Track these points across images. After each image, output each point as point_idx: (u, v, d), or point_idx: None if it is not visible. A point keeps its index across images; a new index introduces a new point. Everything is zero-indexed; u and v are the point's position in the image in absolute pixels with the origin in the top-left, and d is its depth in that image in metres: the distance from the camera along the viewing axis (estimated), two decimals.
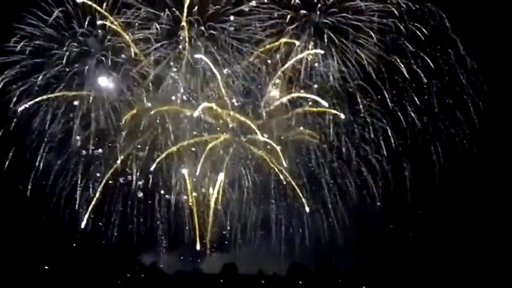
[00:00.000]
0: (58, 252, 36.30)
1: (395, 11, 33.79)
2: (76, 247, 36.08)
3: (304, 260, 37.93)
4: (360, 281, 37.22)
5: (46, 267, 36.40)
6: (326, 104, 34.37)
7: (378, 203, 35.42)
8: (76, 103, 34.59)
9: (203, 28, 34.48)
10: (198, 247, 35.66)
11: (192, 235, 35.69)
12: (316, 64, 34.87)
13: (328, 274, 38.03)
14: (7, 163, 33.88)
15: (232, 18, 34.47)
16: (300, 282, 37.98)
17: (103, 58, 34.56)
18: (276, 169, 35.15)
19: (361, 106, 34.84)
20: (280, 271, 38.24)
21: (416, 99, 34.32)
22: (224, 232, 36.56)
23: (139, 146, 35.37)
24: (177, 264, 38.64)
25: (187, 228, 35.85)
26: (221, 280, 38.27)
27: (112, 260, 36.99)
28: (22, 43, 33.31)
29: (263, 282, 38.27)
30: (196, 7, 34.16)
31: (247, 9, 34.50)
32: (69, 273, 35.92)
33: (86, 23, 33.47)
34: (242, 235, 36.75)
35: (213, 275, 38.41)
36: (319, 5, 34.27)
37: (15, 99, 33.50)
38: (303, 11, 34.45)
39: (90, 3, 32.79)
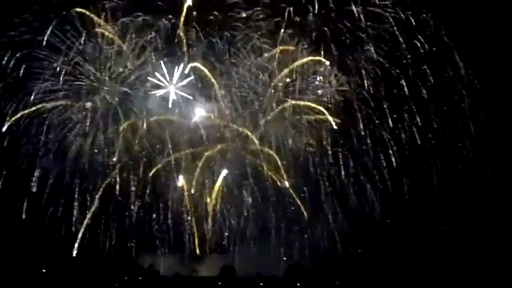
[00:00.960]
0: (57, 257, 36.45)
1: (391, 18, 33.91)
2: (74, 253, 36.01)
3: (302, 261, 38.19)
4: (358, 282, 37.75)
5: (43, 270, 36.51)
6: (324, 112, 34.60)
7: (376, 208, 35.92)
8: (73, 114, 34.43)
9: (201, 35, 34.34)
10: (197, 251, 36.08)
11: (191, 240, 36.07)
12: (313, 72, 34.95)
13: (325, 275, 38.39)
14: (4, 173, 33.82)
15: (229, 25, 34.35)
16: (298, 284, 38.36)
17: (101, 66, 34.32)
18: (274, 176, 35.51)
19: (359, 114, 35.03)
20: (278, 272, 38.52)
21: (414, 108, 34.54)
22: (222, 236, 36.96)
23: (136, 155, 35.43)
24: (175, 266, 38.75)
25: (186, 232, 36.19)
26: (219, 283, 38.51)
27: (110, 264, 37.06)
28: (19, 53, 32.80)
29: (261, 284, 38.70)
30: (193, 14, 33.97)
31: (244, 16, 34.31)
32: (67, 276, 36.12)
33: (84, 32, 33.11)
34: (241, 239, 37.15)
35: (211, 277, 38.69)
36: (316, 12, 34.23)
37: (12, 109, 33.19)
38: (298, 18, 34.37)
39: (87, 12, 32.32)
